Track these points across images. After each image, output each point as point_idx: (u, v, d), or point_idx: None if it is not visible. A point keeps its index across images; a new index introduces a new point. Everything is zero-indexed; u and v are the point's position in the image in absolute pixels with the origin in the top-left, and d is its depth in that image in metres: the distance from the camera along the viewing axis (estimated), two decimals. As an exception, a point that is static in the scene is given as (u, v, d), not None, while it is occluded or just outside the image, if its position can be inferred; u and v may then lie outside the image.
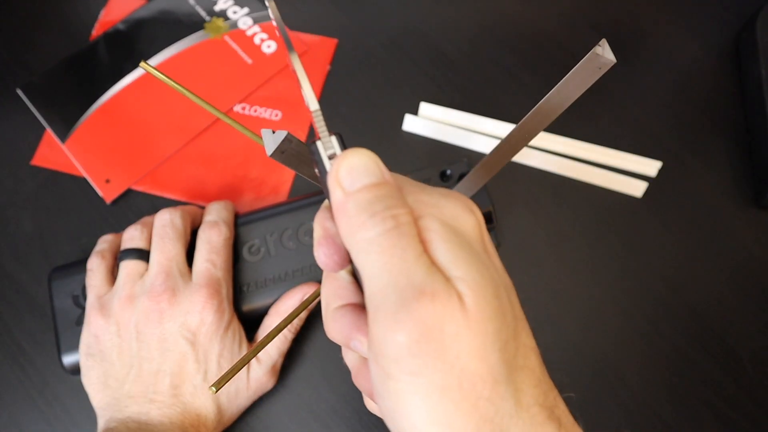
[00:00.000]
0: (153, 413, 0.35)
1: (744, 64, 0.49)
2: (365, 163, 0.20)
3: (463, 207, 0.21)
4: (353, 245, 0.19)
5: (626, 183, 0.46)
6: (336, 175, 0.20)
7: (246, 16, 0.52)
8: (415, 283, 0.18)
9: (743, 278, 0.44)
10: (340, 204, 0.20)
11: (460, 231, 0.20)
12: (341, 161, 0.20)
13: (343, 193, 0.20)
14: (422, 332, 0.18)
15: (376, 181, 0.20)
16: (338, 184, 0.20)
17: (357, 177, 0.20)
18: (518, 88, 0.50)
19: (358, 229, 0.19)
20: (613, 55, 0.23)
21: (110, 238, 0.41)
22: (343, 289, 0.23)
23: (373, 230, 0.19)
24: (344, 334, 0.22)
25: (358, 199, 0.19)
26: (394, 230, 0.19)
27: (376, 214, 0.19)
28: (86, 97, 0.49)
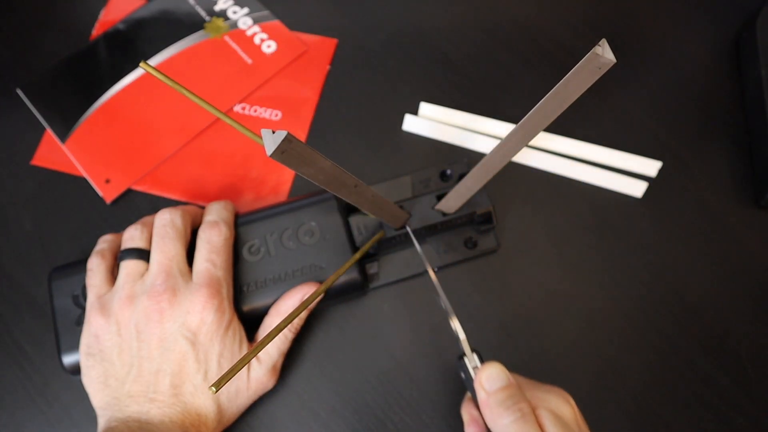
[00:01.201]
0: (153, 413, 0.35)
1: (744, 64, 0.49)
2: (498, 373, 0.32)
3: (563, 400, 0.32)
4: (495, 429, 0.30)
5: (626, 183, 0.46)
6: (480, 382, 0.32)
7: (246, 16, 0.52)
8: None
9: (743, 278, 0.44)
10: (484, 401, 0.31)
11: (563, 418, 0.31)
12: (482, 372, 0.32)
13: (485, 394, 0.31)
14: None
15: (506, 385, 0.31)
16: (482, 387, 0.31)
17: (493, 382, 0.31)
18: (518, 88, 0.50)
19: (497, 418, 0.30)
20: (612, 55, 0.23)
21: (110, 238, 0.41)
22: None
23: (507, 419, 0.30)
24: None
25: (496, 398, 0.31)
26: (521, 419, 0.30)
27: (508, 408, 0.30)
28: (86, 97, 0.49)
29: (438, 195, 0.42)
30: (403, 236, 0.42)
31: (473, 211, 0.42)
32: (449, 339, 0.42)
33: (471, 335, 0.42)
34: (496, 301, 0.43)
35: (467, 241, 0.44)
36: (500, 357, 0.42)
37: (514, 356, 0.42)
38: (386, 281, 0.43)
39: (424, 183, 0.44)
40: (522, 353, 0.42)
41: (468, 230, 0.44)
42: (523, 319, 0.43)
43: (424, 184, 0.44)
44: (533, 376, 0.42)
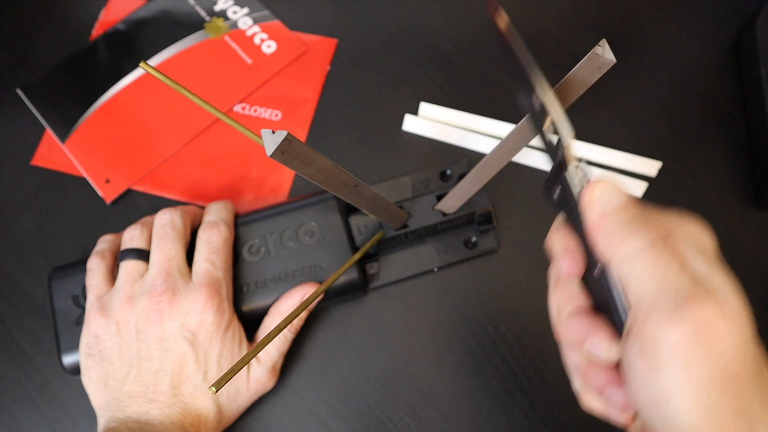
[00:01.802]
0: (153, 413, 0.35)
1: (744, 64, 0.49)
2: (614, 189, 0.24)
3: (702, 227, 0.25)
4: (615, 257, 0.23)
5: (626, 183, 0.46)
6: (590, 199, 0.24)
7: (246, 16, 0.52)
8: (684, 289, 0.21)
9: (743, 278, 0.44)
10: (597, 223, 0.23)
11: (705, 248, 0.24)
12: (594, 187, 0.24)
13: (598, 215, 0.23)
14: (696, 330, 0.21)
15: (627, 203, 0.23)
16: (594, 206, 0.24)
17: (609, 200, 0.23)
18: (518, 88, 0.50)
19: (620, 244, 0.23)
20: (612, 55, 0.23)
21: (110, 238, 0.41)
22: (575, 295, 0.26)
23: (635, 244, 0.22)
24: (580, 335, 0.25)
25: (615, 219, 0.23)
26: (655, 245, 0.22)
27: (635, 231, 0.22)
28: (86, 97, 0.49)
29: (438, 195, 0.42)
30: (403, 236, 0.42)
31: (473, 211, 0.42)
32: (449, 339, 0.42)
33: (471, 335, 0.42)
34: (496, 301, 0.43)
35: (467, 241, 0.44)
36: (500, 357, 0.42)
37: (515, 356, 0.42)
38: (386, 281, 0.43)
39: (424, 183, 0.44)
40: (523, 354, 0.42)
41: (468, 230, 0.44)
42: (524, 320, 0.43)
43: (424, 184, 0.44)
44: (533, 375, 0.42)
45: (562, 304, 0.27)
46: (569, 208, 0.25)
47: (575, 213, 0.25)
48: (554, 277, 0.28)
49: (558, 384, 0.41)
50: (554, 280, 0.28)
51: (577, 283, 0.27)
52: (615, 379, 0.24)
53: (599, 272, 0.24)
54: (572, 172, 0.24)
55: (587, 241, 0.24)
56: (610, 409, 0.26)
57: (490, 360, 0.42)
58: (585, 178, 0.24)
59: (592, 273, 0.25)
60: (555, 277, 0.28)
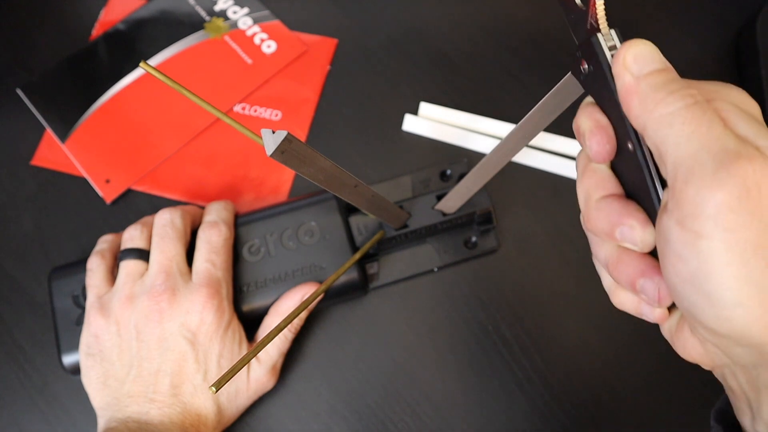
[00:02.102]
0: (153, 413, 0.35)
1: (744, 64, 0.49)
2: (650, 51, 0.22)
3: (745, 94, 0.23)
4: (651, 121, 0.21)
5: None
6: (624, 61, 0.21)
7: (246, 16, 0.52)
8: (729, 148, 0.19)
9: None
10: (632, 86, 0.21)
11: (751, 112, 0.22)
12: (627, 49, 0.21)
13: (633, 77, 0.21)
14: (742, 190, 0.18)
15: (664, 66, 0.21)
16: (627, 69, 0.21)
17: (645, 62, 0.21)
18: (518, 88, 0.50)
19: (656, 105, 0.20)
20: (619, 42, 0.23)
21: (110, 238, 0.41)
22: (605, 180, 0.24)
23: (674, 105, 0.20)
24: (611, 221, 0.23)
25: (652, 81, 0.21)
26: (696, 105, 0.20)
27: (674, 92, 0.20)
28: (86, 97, 0.49)
29: (438, 195, 0.42)
30: (403, 236, 0.42)
31: (473, 211, 0.42)
32: (450, 339, 0.42)
33: (471, 335, 0.42)
34: (496, 301, 0.43)
35: (467, 241, 0.44)
36: (500, 356, 0.42)
37: (515, 356, 0.42)
38: (386, 281, 0.43)
39: (424, 183, 0.44)
40: (523, 354, 0.42)
41: (468, 230, 0.44)
42: (524, 320, 0.43)
43: (424, 184, 0.44)
44: (532, 376, 0.42)
45: (591, 190, 0.25)
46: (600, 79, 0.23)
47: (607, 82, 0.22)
48: (582, 162, 0.26)
49: (558, 384, 0.41)
50: (582, 165, 0.26)
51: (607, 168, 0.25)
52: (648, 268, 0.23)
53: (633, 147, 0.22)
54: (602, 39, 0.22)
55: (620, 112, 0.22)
56: (643, 305, 0.24)
57: (490, 360, 0.42)
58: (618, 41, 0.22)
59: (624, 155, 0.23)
60: (583, 162, 0.25)
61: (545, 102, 0.27)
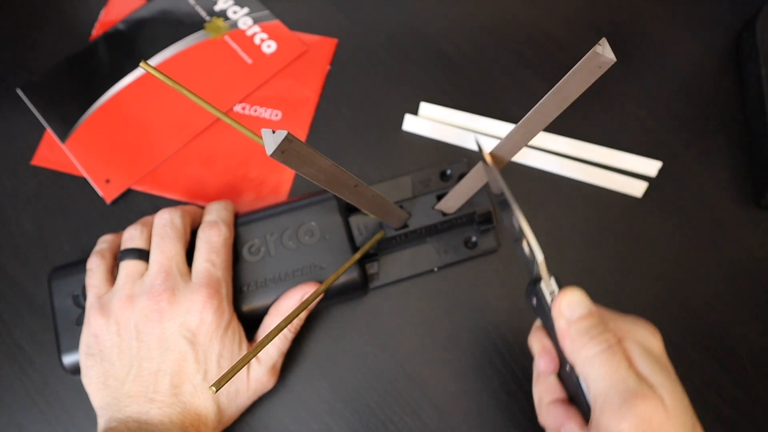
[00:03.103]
0: (153, 413, 0.35)
1: (744, 64, 0.49)
2: (579, 299, 0.28)
3: (650, 332, 0.29)
4: (578, 360, 0.27)
5: (626, 183, 0.46)
6: (559, 309, 0.28)
7: (246, 16, 0.52)
8: (630, 388, 0.26)
9: (743, 278, 0.44)
10: (565, 330, 0.28)
11: (651, 350, 0.28)
12: (561, 299, 0.28)
13: (565, 323, 0.28)
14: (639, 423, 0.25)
15: (588, 312, 0.28)
16: (561, 315, 0.28)
17: (574, 309, 0.28)
18: (518, 88, 0.50)
19: (581, 348, 0.27)
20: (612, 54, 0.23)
21: (110, 238, 0.41)
22: (553, 387, 0.31)
23: (593, 350, 0.27)
24: (558, 422, 0.30)
25: (578, 327, 0.28)
26: (608, 350, 0.27)
27: (593, 338, 0.27)
28: (86, 97, 0.49)
29: (438, 195, 0.42)
30: (403, 236, 0.42)
31: (473, 211, 0.42)
32: (450, 339, 0.42)
33: (471, 335, 0.42)
34: (496, 301, 0.43)
35: (467, 241, 0.44)
36: (500, 356, 0.42)
37: (514, 356, 0.42)
38: (386, 281, 0.43)
39: (424, 183, 0.44)
40: (522, 353, 0.42)
41: (468, 230, 0.44)
42: (524, 320, 0.43)
43: (424, 184, 0.44)
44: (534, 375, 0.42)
45: (542, 394, 0.31)
46: (544, 315, 0.30)
47: (549, 319, 0.29)
48: (536, 371, 0.32)
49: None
50: (536, 373, 0.32)
51: (554, 377, 0.31)
52: None
53: (570, 369, 0.29)
54: (544, 286, 0.29)
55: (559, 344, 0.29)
56: None
57: (490, 360, 0.42)
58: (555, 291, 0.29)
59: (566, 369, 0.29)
60: (536, 372, 0.32)
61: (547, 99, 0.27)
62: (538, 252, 0.28)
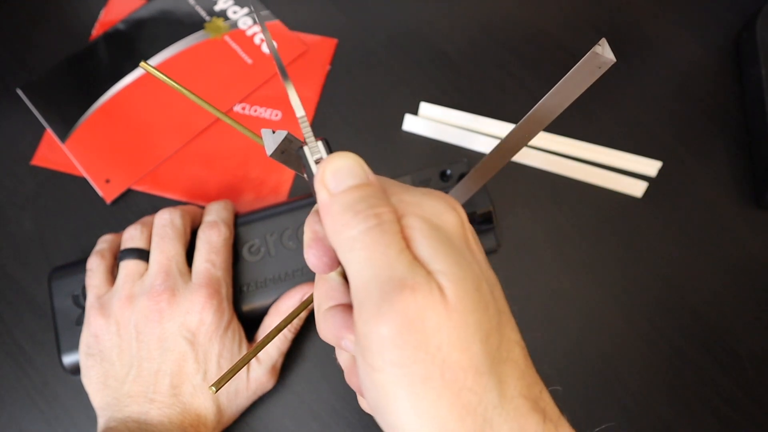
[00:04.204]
0: (153, 413, 0.35)
1: (744, 64, 0.49)
2: (349, 166, 0.21)
3: (444, 205, 0.22)
4: (339, 244, 0.20)
5: (626, 183, 0.46)
6: (321, 178, 0.21)
7: (246, 16, 0.52)
8: (396, 277, 0.19)
9: (743, 278, 0.44)
10: (326, 205, 0.20)
11: (442, 228, 0.21)
12: (326, 164, 0.21)
13: (328, 195, 0.20)
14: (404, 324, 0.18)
15: (360, 183, 0.20)
16: (324, 186, 0.21)
17: (341, 179, 0.20)
18: (518, 88, 0.50)
19: (342, 227, 0.20)
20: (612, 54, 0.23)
21: (110, 238, 0.41)
22: (334, 290, 0.23)
23: (356, 228, 0.19)
24: (335, 333, 0.22)
25: (343, 200, 0.20)
26: (376, 228, 0.19)
27: (359, 212, 0.20)
28: (86, 97, 0.49)
29: (438, 195, 0.42)
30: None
31: (473, 211, 0.42)
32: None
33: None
34: (496, 301, 0.43)
35: (467, 241, 0.44)
36: (500, 357, 0.42)
37: (514, 356, 0.42)
38: (386, 281, 0.43)
39: (424, 183, 0.44)
40: (522, 353, 0.42)
41: (468, 230, 0.44)
42: (524, 320, 0.43)
43: (424, 184, 0.44)
44: (533, 376, 0.42)
45: (321, 299, 0.23)
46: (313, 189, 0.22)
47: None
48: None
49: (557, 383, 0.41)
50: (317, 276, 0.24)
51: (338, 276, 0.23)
52: None
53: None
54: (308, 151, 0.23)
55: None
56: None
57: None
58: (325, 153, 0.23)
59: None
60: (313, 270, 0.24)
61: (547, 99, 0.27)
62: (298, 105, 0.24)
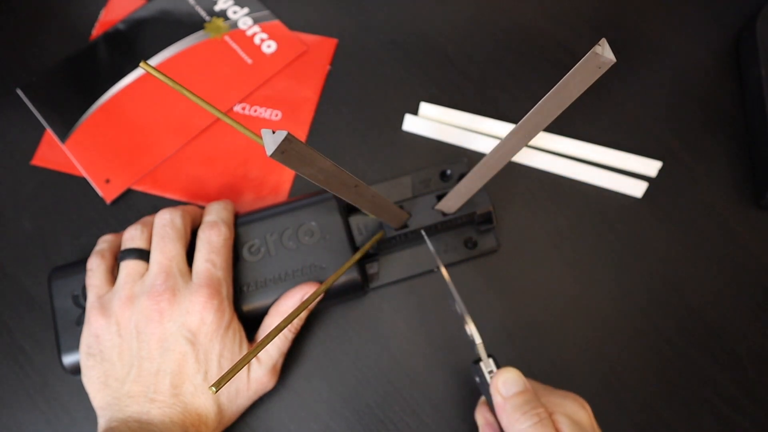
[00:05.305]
0: (153, 413, 0.35)
1: (744, 64, 0.49)
2: (514, 378, 0.32)
3: (579, 405, 0.33)
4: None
5: (626, 183, 0.46)
6: (496, 387, 0.32)
7: (246, 16, 0.52)
8: None
9: (743, 278, 0.44)
10: (501, 406, 0.32)
11: (579, 422, 0.31)
12: (499, 377, 0.32)
13: (501, 399, 0.32)
14: None
15: (522, 390, 0.32)
16: (498, 392, 0.32)
17: (510, 387, 0.32)
18: (518, 88, 0.50)
19: (515, 422, 0.31)
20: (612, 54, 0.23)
21: (110, 238, 0.41)
22: None
23: (525, 424, 0.30)
24: None
25: (512, 403, 0.31)
26: (539, 423, 0.30)
27: (525, 413, 0.31)
28: (86, 97, 0.49)
29: (438, 195, 0.42)
30: (403, 236, 0.42)
31: (473, 211, 0.42)
32: (450, 338, 0.42)
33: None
34: (496, 301, 0.43)
35: (467, 241, 0.44)
36: (500, 357, 0.42)
37: (514, 356, 0.42)
38: (386, 281, 0.43)
39: (424, 183, 0.44)
40: (523, 354, 0.42)
41: (468, 230, 0.44)
42: (524, 320, 0.43)
43: (424, 184, 0.44)
44: (534, 376, 0.42)
45: None
46: (485, 391, 0.33)
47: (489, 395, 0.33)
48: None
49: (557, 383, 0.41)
50: None
51: None
52: None
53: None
54: (484, 366, 0.34)
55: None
56: None
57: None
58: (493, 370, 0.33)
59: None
60: None
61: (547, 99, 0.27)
62: (477, 336, 0.34)
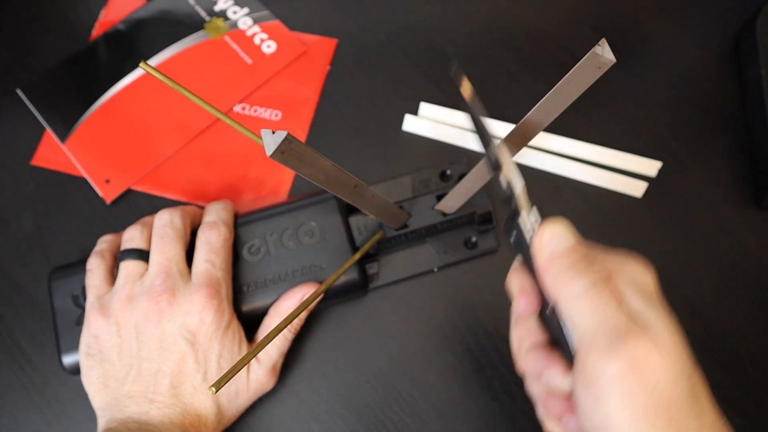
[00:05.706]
0: (153, 413, 0.35)
1: (744, 64, 0.49)
2: (563, 231, 0.26)
3: (643, 267, 0.27)
4: (561, 297, 0.25)
5: (626, 183, 0.46)
6: (540, 242, 0.26)
7: (246, 16, 0.52)
8: (620, 327, 0.23)
9: (743, 278, 0.44)
10: (545, 267, 0.25)
11: (644, 286, 0.26)
12: (545, 230, 0.26)
13: (548, 257, 0.25)
14: (631, 364, 0.23)
15: (574, 246, 0.25)
16: (543, 249, 0.26)
17: (558, 243, 0.25)
18: (518, 88, 0.50)
19: (565, 285, 0.25)
20: (612, 54, 0.23)
21: (110, 238, 0.41)
22: (534, 331, 0.28)
23: (579, 285, 0.24)
24: (537, 368, 0.27)
25: (561, 263, 0.25)
26: (595, 286, 0.24)
27: (578, 273, 0.24)
28: (86, 97, 0.49)
29: (438, 195, 0.42)
30: (403, 236, 0.42)
31: (473, 211, 0.42)
32: (450, 339, 0.42)
33: (471, 335, 0.42)
34: (496, 301, 0.43)
35: (467, 241, 0.44)
36: (500, 357, 0.42)
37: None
38: (386, 281, 0.43)
39: (424, 183, 0.44)
40: (522, 353, 0.42)
41: (468, 230, 0.44)
42: (523, 319, 0.43)
43: (424, 184, 0.44)
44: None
45: (521, 339, 0.29)
46: (523, 251, 0.27)
47: (528, 256, 0.26)
48: (514, 314, 0.30)
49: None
50: (514, 317, 0.30)
51: (534, 319, 0.29)
52: (571, 408, 0.26)
53: (551, 311, 0.26)
54: (524, 218, 0.26)
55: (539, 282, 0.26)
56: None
57: (490, 360, 0.42)
58: (536, 223, 0.26)
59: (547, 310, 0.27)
60: (515, 315, 0.30)
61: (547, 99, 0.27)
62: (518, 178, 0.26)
